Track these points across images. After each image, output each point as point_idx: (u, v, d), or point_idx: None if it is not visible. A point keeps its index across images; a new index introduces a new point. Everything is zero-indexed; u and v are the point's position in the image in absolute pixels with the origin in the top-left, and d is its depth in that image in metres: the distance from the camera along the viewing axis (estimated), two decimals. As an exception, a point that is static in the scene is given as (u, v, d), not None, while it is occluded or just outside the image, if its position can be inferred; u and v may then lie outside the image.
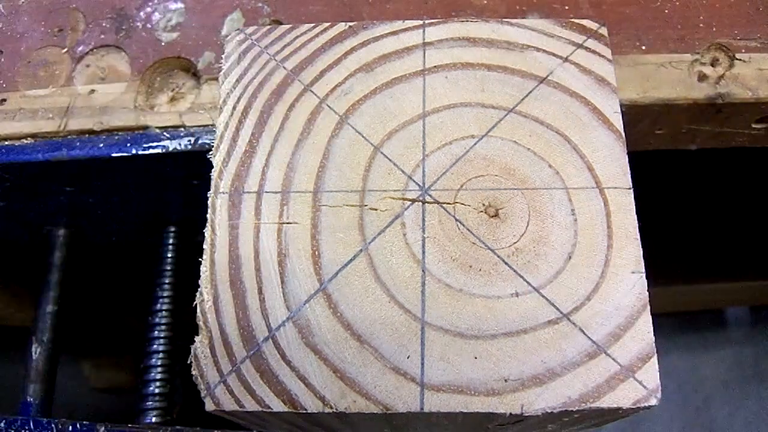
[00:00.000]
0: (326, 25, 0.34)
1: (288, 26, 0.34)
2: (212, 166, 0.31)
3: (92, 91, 0.44)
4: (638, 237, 0.28)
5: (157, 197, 0.50)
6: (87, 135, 0.42)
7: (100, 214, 0.51)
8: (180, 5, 0.46)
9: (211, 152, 0.31)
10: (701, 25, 0.45)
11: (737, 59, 0.43)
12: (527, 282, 0.28)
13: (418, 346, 0.27)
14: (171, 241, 0.54)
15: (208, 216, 0.30)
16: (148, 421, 0.48)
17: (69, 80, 0.44)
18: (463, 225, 0.29)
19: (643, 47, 0.44)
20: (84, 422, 0.41)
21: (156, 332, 0.51)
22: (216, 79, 0.43)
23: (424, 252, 0.28)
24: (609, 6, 0.45)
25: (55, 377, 0.52)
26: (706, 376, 1.12)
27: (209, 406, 0.27)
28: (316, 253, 0.29)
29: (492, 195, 0.29)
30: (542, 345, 0.27)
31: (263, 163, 0.31)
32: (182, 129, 0.42)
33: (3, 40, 0.46)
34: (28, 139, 0.43)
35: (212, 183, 0.30)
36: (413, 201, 0.29)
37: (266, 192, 0.30)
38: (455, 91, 0.32)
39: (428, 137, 0.31)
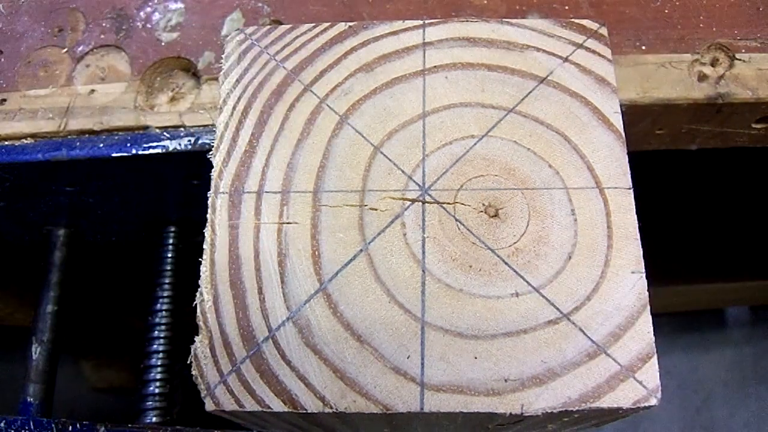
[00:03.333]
0: (326, 25, 0.34)
1: (288, 26, 0.34)
2: (212, 166, 0.31)
3: (92, 91, 0.44)
4: (638, 237, 0.28)
5: (157, 197, 0.50)
6: (87, 135, 0.42)
7: (100, 214, 0.51)
8: (180, 5, 0.46)
9: (211, 152, 0.31)
10: (701, 25, 0.45)
11: (737, 59, 0.43)
12: (527, 282, 0.28)
13: (418, 346, 0.27)
14: (171, 241, 0.54)
15: (208, 216, 0.30)
16: (148, 421, 0.48)
17: (69, 80, 0.44)
18: (463, 225, 0.29)
19: (643, 47, 0.44)
20: (84, 422, 0.41)
21: (156, 332, 0.51)
22: (216, 79, 0.43)
23: (424, 252, 0.28)
24: (609, 6, 0.45)
25: (55, 377, 0.52)
26: (706, 376, 1.12)
27: (209, 406, 0.27)
28: (316, 253, 0.29)
29: (492, 195, 0.29)
30: (542, 345, 0.26)
31: (263, 163, 0.31)
32: (182, 129, 0.42)
33: (3, 40, 0.46)
34: (28, 139, 0.43)
35: (212, 183, 0.30)
36: (413, 201, 0.29)
37: (266, 192, 0.30)
38: (455, 91, 0.32)
39: (428, 137, 0.31)
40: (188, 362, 0.28)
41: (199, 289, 0.29)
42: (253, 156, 0.31)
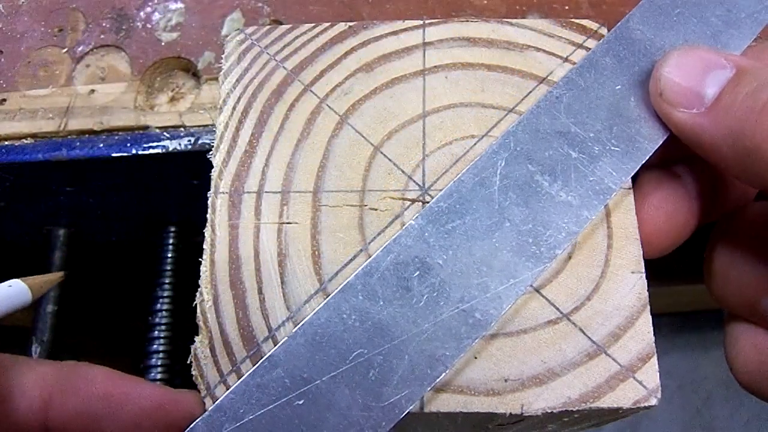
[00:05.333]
0: (326, 25, 0.34)
1: (288, 26, 0.34)
2: (212, 166, 0.31)
3: (92, 91, 0.44)
4: (638, 237, 0.28)
5: (157, 197, 0.50)
6: (87, 135, 0.42)
7: (100, 214, 0.51)
8: (180, 5, 0.46)
9: (211, 152, 0.31)
10: (701, 25, 0.44)
11: (737, 59, 0.43)
12: (527, 282, 0.28)
13: (418, 346, 0.27)
14: (171, 241, 0.54)
15: (208, 216, 0.30)
16: (148, 421, 0.48)
17: (69, 80, 0.44)
18: (463, 225, 0.29)
19: (643, 47, 0.44)
20: (84, 422, 0.41)
21: (156, 332, 0.51)
22: (216, 79, 0.43)
23: (424, 252, 0.28)
24: (609, 6, 0.45)
25: (55, 377, 0.52)
26: (706, 376, 1.12)
27: (209, 405, 0.27)
28: (316, 253, 0.29)
29: (492, 195, 0.29)
30: (542, 345, 0.27)
31: (263, 163, 0.31)
32: (182, 129, 0.42)
33: (3, 40, 0.46)
34: (28, 139, 0.43)
35: (212, 183, 0.30)
36: (413, 201, 0.29)
37: (266, 192, 0.30)
38: (455, 91, 0.32)
39: (428, 137, 0.31)
40: (188, 362, 0.28)
41: (199, 289, 0.29)
42: (253, 156, 0.31)
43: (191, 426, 0.23)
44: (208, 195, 0.30)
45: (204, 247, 0.29)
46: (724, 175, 0.30)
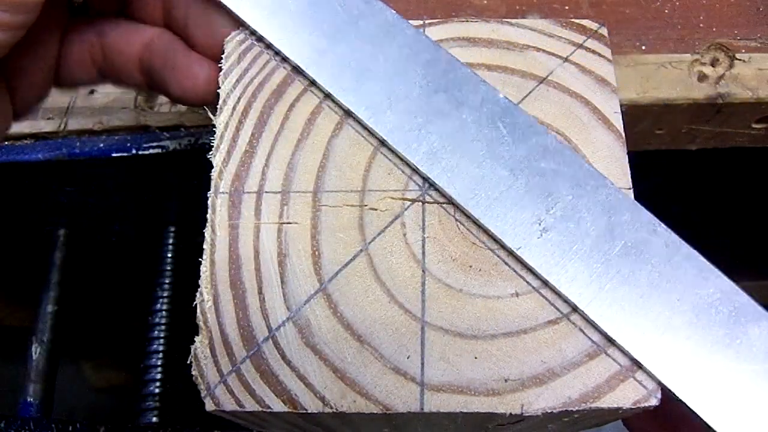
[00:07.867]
0: (326, 25, 0.34)
1: (288, 26, 0.34)
2: (212, 166, 0.31)
3: (92, 91, 0.44)
4: (638, 237, 0.28)
5: (157, 197, 0.50)
6: (87, 135, 0.42)
7: (100, 214, 0.51)
8: (180, 5, 0.46)
9: (211, 152, 0.31)
10: (701, 25, 0.45)
11: (737, 59, 0.43)
12: (527, 282, 0.28)
13: (418, 346, 0.27)
14: (171, 241, 0.54)
15: (208, 216, 0.30)
16: (148, 421, 0.48)
17: (69, 80, 0.44)
18: (463, 225, 0.29)
19: (643, 47, 0.44)
20: (84, 422, 0.41)
21: (156, 332, 0.51)
22: (216, 79, 0.43)
23: (424, 252, 0.28)
24: (609, 6, 0.45)
25: (55, 377, 0.52)
26: (706, 376, 1.11)
27: (209, 406, 0.27)
28: (316, 253, 0.29)
29: (492, 195, 0.29)
30: (542, 345, 0.27)
31: (263, 163, 0.31)
32: (182, 129, 0.42)
33: (3, 40, 0.46)
34: (28, 139, 0.43)
35: (212, 183, 0.30)
36: (413, 201, 0.29)
37: (266, 192, 0.30)
38: (455, 91, 0.31)
39: (428, 137, 0.31)
40: (188, 362, 0.28)
41: (199, 289, 0.29)
42: (253, 156, 0.31)
43: None
44: (208, 195, 0.30)
45: (204, 247, 0.29)
46: None
